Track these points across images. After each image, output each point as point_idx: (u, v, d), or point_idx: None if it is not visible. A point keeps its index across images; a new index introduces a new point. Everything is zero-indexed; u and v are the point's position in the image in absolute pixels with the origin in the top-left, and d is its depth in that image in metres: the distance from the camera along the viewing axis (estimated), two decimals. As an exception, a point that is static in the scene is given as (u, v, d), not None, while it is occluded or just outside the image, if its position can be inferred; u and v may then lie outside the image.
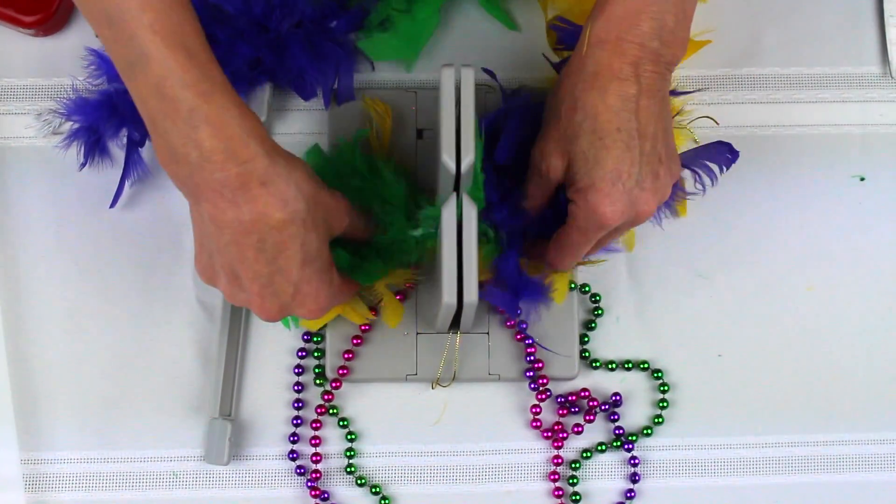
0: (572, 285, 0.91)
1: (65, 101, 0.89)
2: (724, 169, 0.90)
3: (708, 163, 0.90)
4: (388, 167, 0.85)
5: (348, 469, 0.91)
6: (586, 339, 0.93)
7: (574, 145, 0.78)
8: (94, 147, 0.90)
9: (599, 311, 0.93)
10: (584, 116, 0.77)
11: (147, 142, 0.91)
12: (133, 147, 0.90)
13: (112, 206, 0.91)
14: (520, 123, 0.87)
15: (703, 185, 0.91)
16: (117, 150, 0.91)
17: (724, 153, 0.90)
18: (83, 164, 0.90)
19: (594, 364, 0.92)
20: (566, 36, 0.89)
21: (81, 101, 0.89)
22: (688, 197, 0.92)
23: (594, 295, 0.93)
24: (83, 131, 0.89)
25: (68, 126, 0.90)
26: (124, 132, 0.89)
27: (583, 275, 0.93)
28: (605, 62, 0.77)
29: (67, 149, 0.90)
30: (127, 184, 0.91)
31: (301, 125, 0.94)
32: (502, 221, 0.85)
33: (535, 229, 0.86)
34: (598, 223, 0.78)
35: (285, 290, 0.75)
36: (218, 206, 0.72)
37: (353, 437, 0.91)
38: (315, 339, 0.91)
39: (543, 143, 0.81)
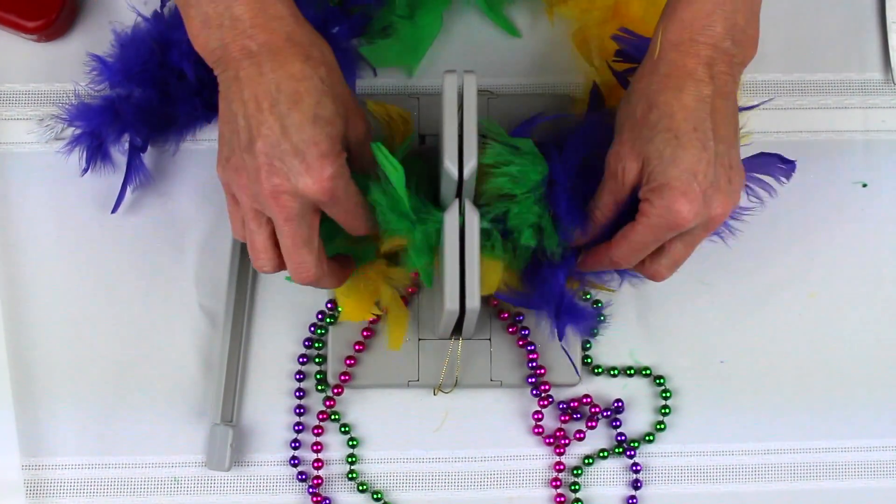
0: (585, 296, 0.91)
1: (67, 106, 0.89)
2: (783, 180, 0.87)
3: (760, 175, 0.87)
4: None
5: (350, 475, 0.90)
6: (588, 345, 0.92)
7: (650, 145, 0.76)
8: (97, 153, 0.90)
9: (602, 318, 0.93)
10: (660, 116, 0.76)
11: (149, 147, 0.91)
12: (135, 152, 0.90)
13: (114, 211, 0.91)
14: (583, 141, 0.86)
15: (760, 198, 0.87)
16: (119, 155, 0.91)
17: (775, 163, 0.87)
18: (85, 170, 0.90)
19: (596, 370, 0.92)
20: (631, 48, 0.87)
21: (83, 106, 0.89)
22: (745, 214, 0.87)
23: (596, 301, 0.93)
24: (85, 137, 0.89)
25: (70, 132, 0.90)
26: (126, 137, 0.89)
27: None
28: (680, 63, 0.76)
29: (69, 154, 0.90)
30: (129, 189, 0.91)
31: None
32: (564, 235, 0.84)
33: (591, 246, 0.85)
34: (672, 222, 0.76)
35: (293, 148, 0.73)
36: (244, 67, 0.73)
37: (355, 443, 0.91)
38: (316, 345, 0.91)
39: (619, 146, 0.78)
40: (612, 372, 0.92)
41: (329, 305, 0.91)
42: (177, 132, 0.92)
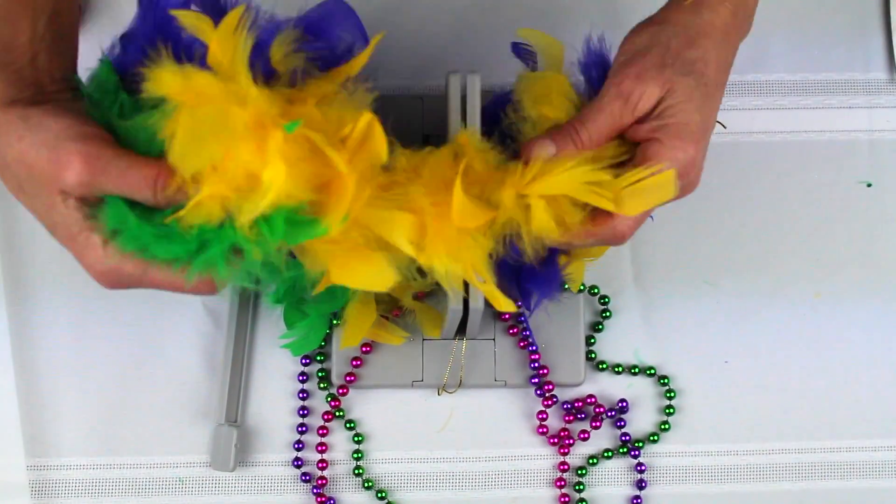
0: (581, 287, 0.91)
1: None
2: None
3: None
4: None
5: (356, 471, 0.90)
6: (592, 340, 0.92)
7: (684, 79, 0.73)
8: None
9: (607, 314, 0.93)
10: (699, 58, 0.74)
11: None
12: None
13: None
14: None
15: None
16: None
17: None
18: None
19: (600, 366, 0.92)
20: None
21: None
22: None
23: (603, 297, 0.93)
24: None
25: None
26: None
27: (590, 278, 0.92)
28: (722, 19, 0.75)
29: None
30: None
31: None
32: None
33: None
34: (682, 169, 0.73)
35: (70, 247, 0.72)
36: None
37: (360, 438, 0.91)
38: (318, 357, 0.92)
39: (642, 69, 0.74)
40: (616, 369, 0.92)
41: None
42: None
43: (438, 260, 0.71)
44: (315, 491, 0.90)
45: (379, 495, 0.91)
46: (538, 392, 0.90)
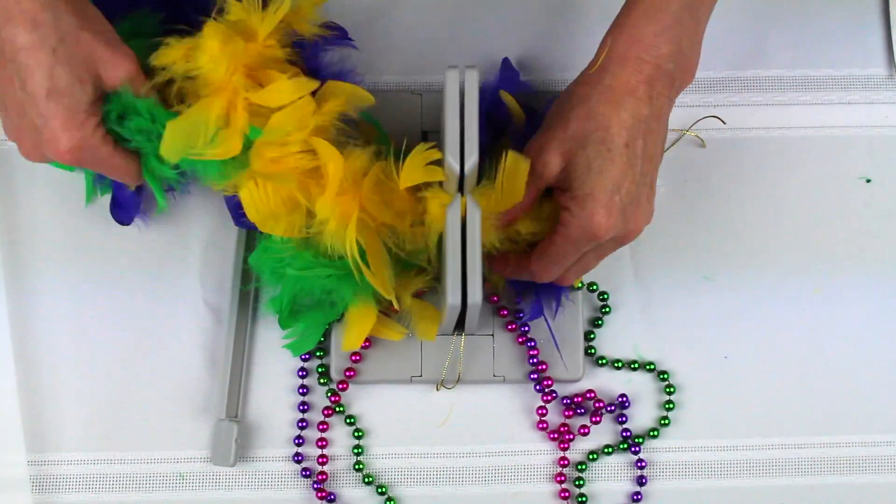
0: (579, 284, 0.91)
1: None
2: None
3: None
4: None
5: (356, 466, 0.91)
6: (592, 335, 0.92)
7: (579, 151, 0.78)
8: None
9: (607, 309, 0.93)
10: (596, 126, 0.78)
11: None
12: None
13: (127, 222, 0.91)
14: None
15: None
16: None
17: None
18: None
19: (600, 361, 0.92)
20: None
21: None
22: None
23: (602, 293, 0.93)
24: None
25: None
26: None
27: (589, 274, 0.92)
28: (624, 79, 0.78)
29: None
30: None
31: None
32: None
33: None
34: (590, 233, 0.78)
35: (35, 121, 0.75)
36: None
37: (360, 433, 0.91)
38: (318, 353, 0.92)
39: (544, 140, 0.80)
40: (616, 364, 0.92)
41: None
42: None
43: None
44: (315, 486, 0.90)
45: (379, 490, 0.91)
46: (537, 387, 0.91)
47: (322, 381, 0.91)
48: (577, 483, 0.91)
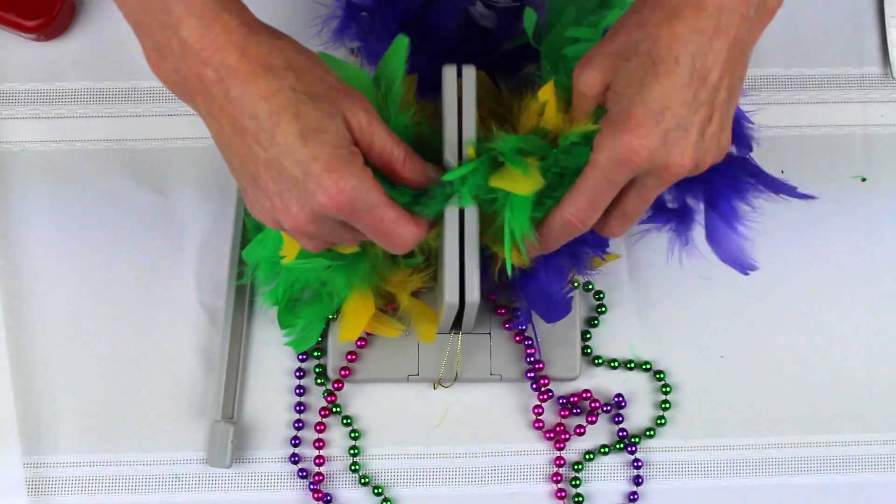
0: (575, 284, 0.91)
1: None
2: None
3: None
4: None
5: (352, 467, 0.90)
6: (588, 335, 0.92)
7: (622, 64, 0.68)
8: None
9: (603, 309, 0.93)
10: (645, 35, 0.67)
11: None
12: None
13: None
14: None
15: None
16: None
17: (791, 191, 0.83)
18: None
19: (596, 361, 0.92)
20: None
21: None
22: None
23: (598, 293, 0.93)
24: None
25: None
26: None
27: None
28: None
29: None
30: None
31: None
32: None
33: None
34: (622, 156, 0.67)
35: (294, 172, 0.67)
36: (210, 100, 0.67)
37: (357, 434, 0.91)
38: (314, 353, 0.92)
39: (590, 54, 0.70)
40: (612, 364, 0.92)
41: None
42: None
43: None
44: (312, 487, 0.90)
45: (375, 491, 0.91)
46: (534, 386, 0.91)
47: (319, 381, 0.91)
48: (573, 483, 0.91)
